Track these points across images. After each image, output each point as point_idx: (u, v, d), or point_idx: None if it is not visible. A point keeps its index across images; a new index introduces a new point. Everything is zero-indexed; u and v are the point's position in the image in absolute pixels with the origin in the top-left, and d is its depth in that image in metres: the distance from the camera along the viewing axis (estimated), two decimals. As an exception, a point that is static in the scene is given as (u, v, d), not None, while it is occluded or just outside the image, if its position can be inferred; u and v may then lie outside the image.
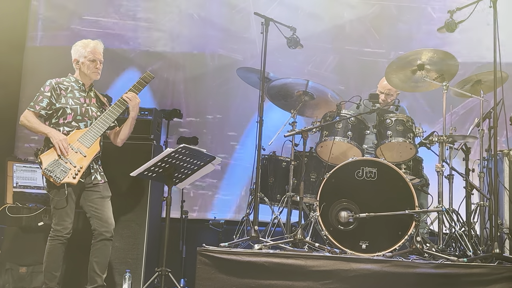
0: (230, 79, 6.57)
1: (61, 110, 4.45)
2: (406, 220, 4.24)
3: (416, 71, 4.81)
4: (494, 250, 4.04)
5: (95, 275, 4.42)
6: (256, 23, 4.77)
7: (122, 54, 6.70)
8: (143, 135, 5.35)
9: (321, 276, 3.90)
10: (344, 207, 4.29)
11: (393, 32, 6.66)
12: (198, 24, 6.82)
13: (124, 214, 5.17)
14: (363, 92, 5.38)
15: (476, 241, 4.55)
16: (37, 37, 6.87)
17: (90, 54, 4.56)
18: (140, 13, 6.87)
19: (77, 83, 4.58)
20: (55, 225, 4.38)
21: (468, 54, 6.42)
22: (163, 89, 6.70)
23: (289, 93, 4.99)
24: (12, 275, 5.10)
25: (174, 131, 6.44)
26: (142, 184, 5.21)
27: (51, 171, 4.25)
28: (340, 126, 4.69)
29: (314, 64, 6.71)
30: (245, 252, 4.03)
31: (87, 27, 6.77)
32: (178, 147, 4.38)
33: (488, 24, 4.64)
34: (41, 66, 6.70)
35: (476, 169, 4.87)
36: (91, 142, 4.41)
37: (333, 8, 6.73)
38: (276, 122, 5.13)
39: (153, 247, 5.45)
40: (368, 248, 4.21)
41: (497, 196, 4.35)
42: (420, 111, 6.36)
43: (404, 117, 4.71)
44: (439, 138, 4.59)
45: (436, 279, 3.86)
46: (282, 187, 5.00)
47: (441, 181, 4.53)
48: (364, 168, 4.36)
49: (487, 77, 4.77)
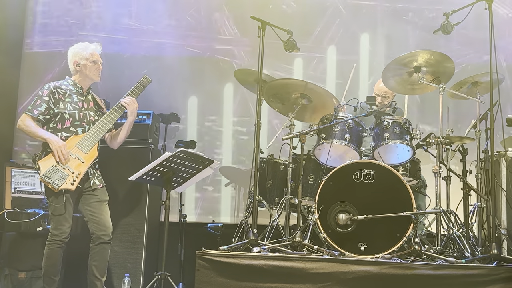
0: (228, 82, 6.59)
1: (59, 115, 4.44)
2: (404, 222, 4.24)
3: (412, 73, 4.83)
4: (492, 251, 4.06)
5: (94, 279, 4.42)
6: (253, 27, 4.76)
7: (118, 58, 6.70)
8: (141, 140, 5.36)
9: (320, 278, 3.90)
10: (342, 209, 4.29)
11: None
12: (195, 28, 6.83)
13: (123, 218, 5.17)
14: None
15: (474, 242, 4.57)
16: (34, 42, 6.86)
17: (92, 56, 4.55)
18: (136, 17, 6.88)
19: (75, 87, 4.57)
20: (53, 230, 4.38)
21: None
22: (160, 93, 6.70)
23: (286, 95, 4.99)
24: (11, 280, 5.10)
25: (172, 135, 6.44)
26: (140, 188, 5.21)
27: (49, 177, 4.25)
28: (338, 128, 4.70)
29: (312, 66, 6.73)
30: (244, 255, 4.02)
31: (84, 31, 6.78)
32: (176, 151, 4.39)
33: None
34: (38, 71, 6.72)
35: (473, 170, 4.89)
36: (89, 148, 4.40)
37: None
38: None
39: (152, 251, 5.45)
40: (366, 250, 4.21)
41: (494, 197, 4.36)
42: (418, 113, 6.37)
43: (401, 119, 4.72)
44: (436, 139, 4.61)
45: (434, 280, 3.86)
46: (281, 190, 5.00)
47: (439, 182, 4.55)
48: (362, 170, 4.36)
49: (483, 78, 4.79)
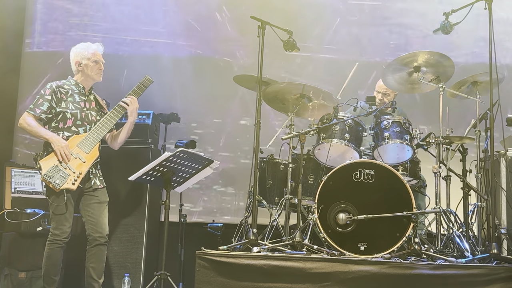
0: (227, 82, 6.59)
1: (61, 115, 4.45)
2: (404, 222, 4.23)
3: (412, 73, 4.83)
4: (492, 251, 4.06)
5: (92, 280, 4.42)
6: (253, 27, 4.76)
7: (119, 58, 6.71)
8: (141, 139, 5.37)
9: (320, 278, 3.90)
10: (342, 209, 4.29)
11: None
12: (194, 28, 6.83)
13: (123, 218, 5.17)
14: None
15: (474, 242, 4.57)
16: (34, 42, 6.87)
17: (94, 56, 4.56)
18: (136, 17, 6.88)
19: (77, 87, 4.57)
20: (53, 229, 4.39)
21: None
22: (160, 93, 6.70)
23: (285, 97, 4.99)
24: (11, 280, 5.10)
25: (172, 135, 6.44)
26: (140, 188, 5.22)
27: (50, 177, 4.25)
28: (338, 128, 4.70)
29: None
30: (244, 255, 4.02)
31: (84, 31, 6.78)
32: (176, 151, 4.39)
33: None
34: (38, 70, 6.72)
35: (473, 170, 4.89)
36: (90, 147, 4.41)
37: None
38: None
39: (152, 251, 5.45)
40: (366, 250, 4.21)
41: (494, 196, 4.36)
42: (417, 112, 6.37)
43: (401, 119, 4.72)
44: (436, 139, 4.61)
45: (434, 280, 3.86)
46: (280, 190, 5.00)
47: (439, 182, 4.55)
48: (361, 170, 4.35)
49: (483, 78, 4.79)
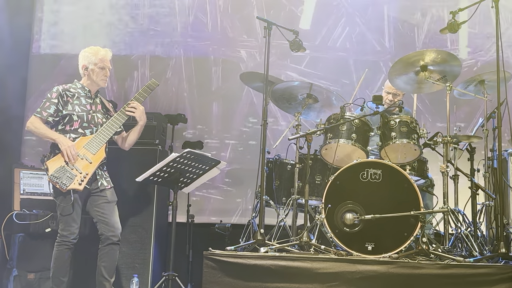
0: (235, 83, 6.60)
1: (68, 117, 4.48)
2: (412, 221, 4.22)
3: (419, 72, 4.81)
4: (500, 250, 4.03)
5: (103, 279, 4.45)
6: (260, 27, 4.76)
7: (125, 59, 6.73)
8: (148, 140, 5.37)
9: (328, 278, 3.89)
10: (349, 209, 4.28)
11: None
12: (200, 28, 6.85)
13: (131, 219, 5.18)
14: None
15: (482, 241, 4.55)
16: (41, 45, 6.90)
17: (100, 62, 4.58)
18: (143, 19, 6.90)
19: (83, 90, 4.61)
20: (61, 231, 4.42)
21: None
22: (167, 94, 6.73)
23: (293, 96, 4.99)
24: (20, 281, 5.13)
25: (179, 136, 6.46)
26: (148, 189, 5.23)
27: (57, 178, 4.28)
28: (344, 128, 4.69)
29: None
30: (251, 256, 4.03)
31: (91, 34, 6.81)
32: (183, 152, 4.40)
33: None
34: (46, 73, 6.76)
35: (481, 169, 4.87)
36: (96, 148, 4.44)
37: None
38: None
39: (160, 251, 5.46)
40: (374, 249, 4.20)
41: (502, 195, 4.34)
42: (425, 111, 6.36)
43: (408, 118, 4.70)
44: (444, 138, 4.59)
45: (442, 279, 3.85)
46: (288, 190, 4.99)
47: (446, 181, 4.53)
48: (368, 169, 4.34)
49: (491, 77, 4.76)
